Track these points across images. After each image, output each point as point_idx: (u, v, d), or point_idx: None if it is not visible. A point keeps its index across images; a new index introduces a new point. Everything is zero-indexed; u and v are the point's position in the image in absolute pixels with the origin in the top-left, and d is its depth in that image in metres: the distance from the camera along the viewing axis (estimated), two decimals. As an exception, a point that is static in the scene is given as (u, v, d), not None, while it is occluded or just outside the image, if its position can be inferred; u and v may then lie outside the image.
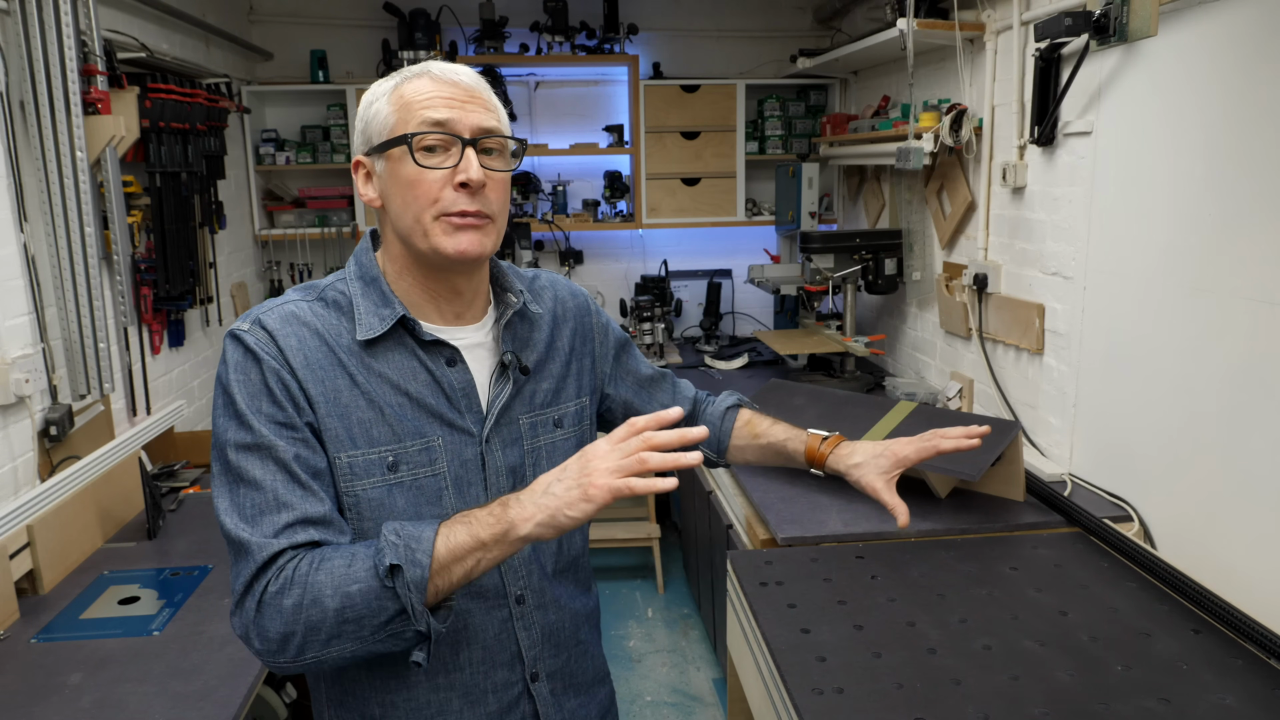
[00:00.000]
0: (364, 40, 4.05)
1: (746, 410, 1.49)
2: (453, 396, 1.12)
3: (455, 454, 1.12)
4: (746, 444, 1.45)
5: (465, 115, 1.07)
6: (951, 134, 2.70)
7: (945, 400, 2.92)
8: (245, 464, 1.01)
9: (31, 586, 1.97)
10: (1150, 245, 1.97)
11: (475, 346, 1.16)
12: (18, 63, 2.15)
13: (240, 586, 0.98)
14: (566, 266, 4.29)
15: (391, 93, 1.09)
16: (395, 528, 0.99)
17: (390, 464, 1.08)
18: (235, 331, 1.06)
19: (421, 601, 0.96)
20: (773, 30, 4.25)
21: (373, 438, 1.07)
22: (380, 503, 1.07)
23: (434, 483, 1.10)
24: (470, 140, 1.06)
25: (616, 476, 0.97)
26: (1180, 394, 1.89)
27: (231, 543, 1.00)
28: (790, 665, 1.49)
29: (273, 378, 1.03)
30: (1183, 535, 1.91)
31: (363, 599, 0.95)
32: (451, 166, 1.06)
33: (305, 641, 0.96)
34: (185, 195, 2.95)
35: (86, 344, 2.33)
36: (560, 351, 1.26)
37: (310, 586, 0.96)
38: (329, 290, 1.13)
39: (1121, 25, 1.89)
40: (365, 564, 0.97)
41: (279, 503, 1.00)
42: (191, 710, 1.53)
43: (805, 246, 3.30)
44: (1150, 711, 1.35)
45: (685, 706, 2.98)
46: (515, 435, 1.17)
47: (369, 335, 1.08)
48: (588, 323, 1.32)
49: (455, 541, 0.98)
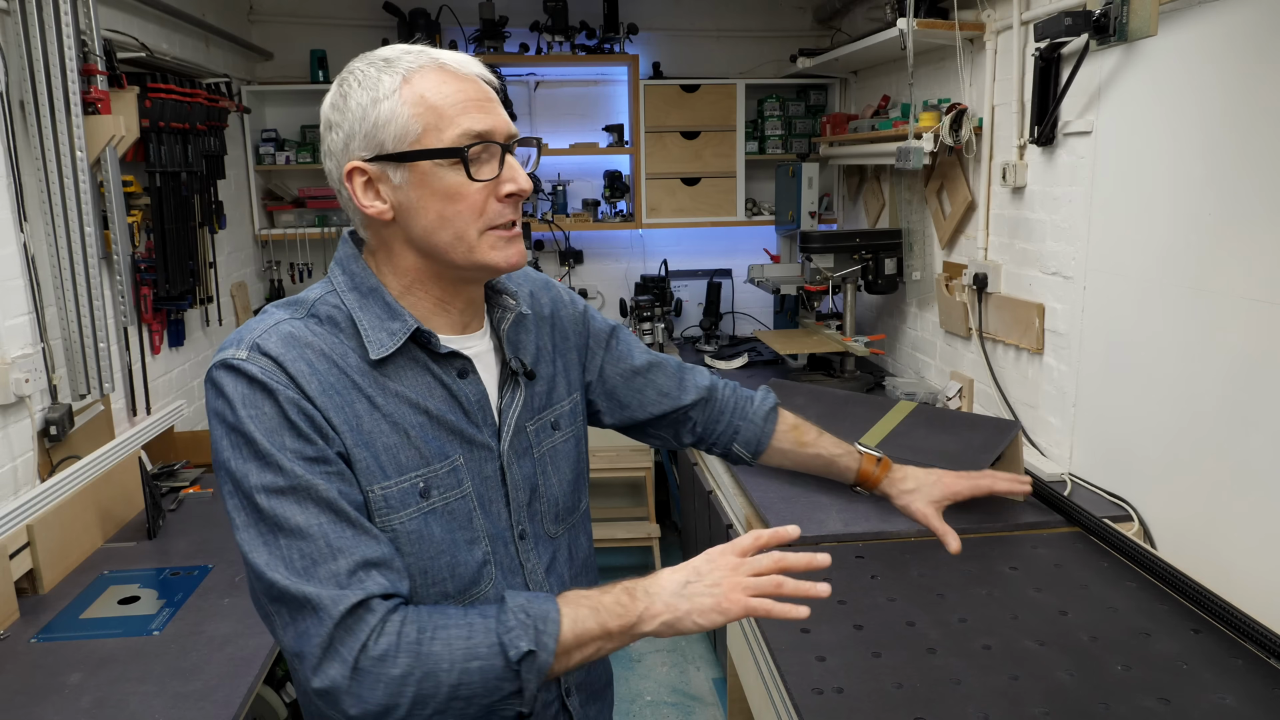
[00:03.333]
0: (364, 40, 4.04)
1: (791, 415, 1.46)
2: (470, 411, 1.05)
3: (477, 471, 1.05)
4: (791, 449, 1.43)
5: (499, 119, 0.99)
6: (951, 134, 2.70)
7: (945, 400, 2.92)
8: (282, 510, 0.90)
9: (31, 586, 1.96)
10: (1150, 245, 1.97)
11: (482, 354, 1.10)
12: (18, 63, 2.15)
13: (317, 649, 0.88)
14: (566, 266, 4.29)
15: (402, 90, 0.96)
16: (522, 604, 0.94)
17: (422, 490, 1.00)
18: (232, 362, 0.93)
19: (540, 687, 0.92)
20: (773, 30, 4.25)
21: (401, 464, 0.98)
22: (419, 535, 0.99)
23: (463, 505, 1.03)
24: (507, 146, 0.99)
25: (752, 594, 0.94)
26: (1180, 394, 1.89)
27: (287, 600, 0.89)
28: (790, 665, 1.49)
29: (292, 409, 0.92)
30: (1183, 535, 1.91)
31: (481, 678, 0.90)
32: (493, 177, 0.98)
33: (410, 714, 0.89)
34: (185, 195, 2.95)
35: (86, 344, 2.33)
36: (545, 350, 1.19)
37: (424, 657, 0.89)
38: (320, 306, 1.01)
39: (1121, 25, 1.89)
40: (488, 639, 0.91)
41: (332, 549, 0.90)
42: (191, 710, 1.53)
43: (805, 246, 3.30)
44: (1150, 711, 1.35)
45: (685, 706, 2.98)
46: (526, 445, 1.12)
47: (382, 353, 0.98)
48: (564, 314, 1.25)
49: (583, 628, 0.94)
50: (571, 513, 1.20)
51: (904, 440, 2.15)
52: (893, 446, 2.14)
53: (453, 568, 1.02)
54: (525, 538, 1.11)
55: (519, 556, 1.10)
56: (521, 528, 1.10)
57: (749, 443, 1.42)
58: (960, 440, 2.09)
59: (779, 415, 1.44)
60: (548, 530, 1.15)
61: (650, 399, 1.35)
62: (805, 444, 1.43)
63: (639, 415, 1.35)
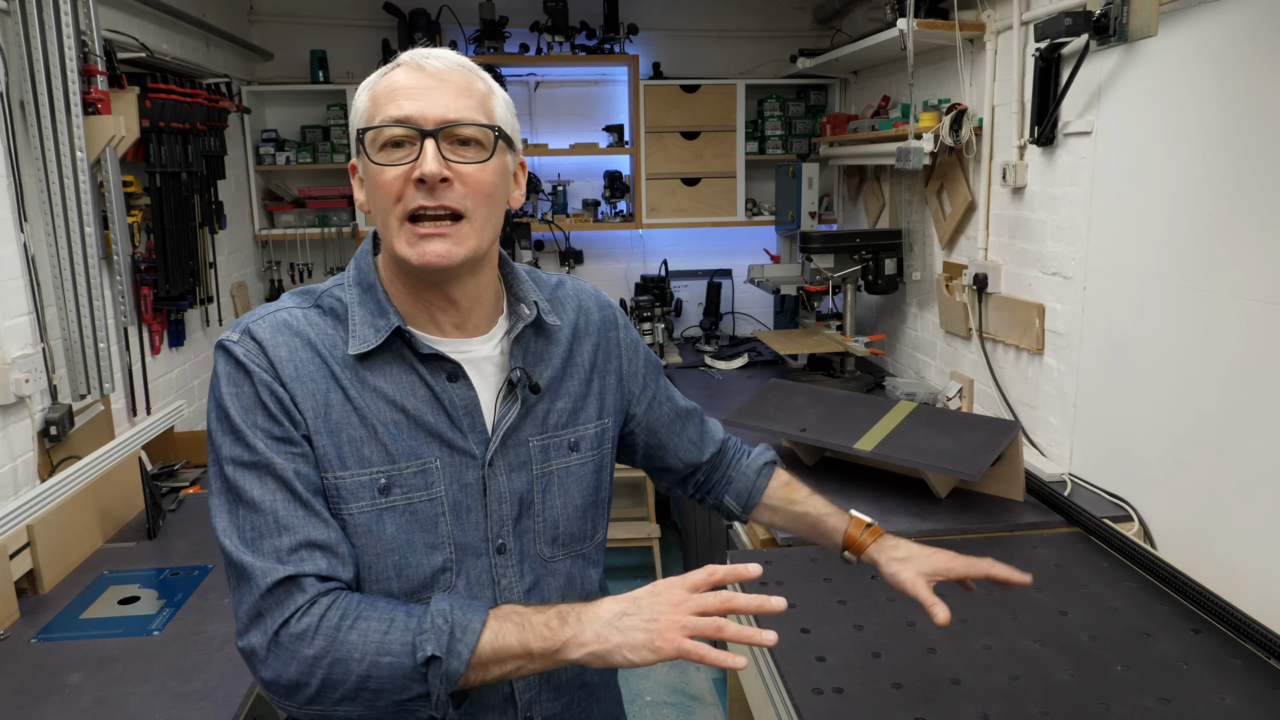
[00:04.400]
0: (364, 40, 4.05)
1: (784, 472, 1.38)
2: (454, 414, 1.04)
3: (455, 477, 1.04)
4: (780, 507, 1.35)
5: (429, 105, 0.97)
6: (951, 134, 2.70)
7: (945, 400, 2.92)
8: (243, 482, 0.96)
9: (31, 586, 1.96)
10: (1150, 245, 1.97)
11: (481, 360, 1.07)
12: (18, 63, 2.15)
13: (245, 615, 0.93)
14: (566, 266, 4.29)
15: (370, 88, 1.01)
16: (446, 609, 0.93)
17: (382, 487, 1.00)
18: (224, 342, 1.00)
19: (448, 693, 0.91)
20: (773, 30, 4.25)
21: (364, 458, 1.00)
22: (368, 529, 1.00)
23: (430, 508, 1.02)
24: (431, 131, 0.96)
25: (688, 635, 0.90)
26: (1180, 394, 1.89)
27: (231, 566, 0.95)
28: (790, 665, 1.49)
29: (265, 391, 0.97)
30: (1183, 535, 1.91)
31: (390, 674, 0.91)
32: (411, 162, 0.97)
33: (318, 695, 0.91)
34: (185, 195, 2.95)
35: (86, 344, 2.33)
36: (579, 368, 1.15)
37: (338, 644, 0.91)
38: (326, 296, 1.06)
39: (1121, 25, 1.89)
40: (403, 638, 0.91)
41: (279, 525, 0.95)
42: (191, 710, 1.53)
43: (805, 246, 3.31)
44: (1150, 711, 1.35)
45: (685, 706, 2.98)
46: (524, 458, 1.08)
47: (362, 349, 1.01)
48: (613, 337, 1.20)
49: (502, 643, 0.92)
50: (579, 540, 1.14)
51: (904, 440, 2.15)
52: (893, 446, 2.14)
53: (400, 568, 1.01)
54: (505, 553, 1.07)
55: (493, 571, 1.06)
56: (501, 541, 1.06)
57: (740, 495, 1.36)
58: (960, 440, 2.09)
59: (773, 472, 1.37)
60: (540, 551, 1.10)
61: (683, 446, 1.32)
62: (794, 502, 1.34)
63: (670, 460, 1.32)
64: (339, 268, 4.14)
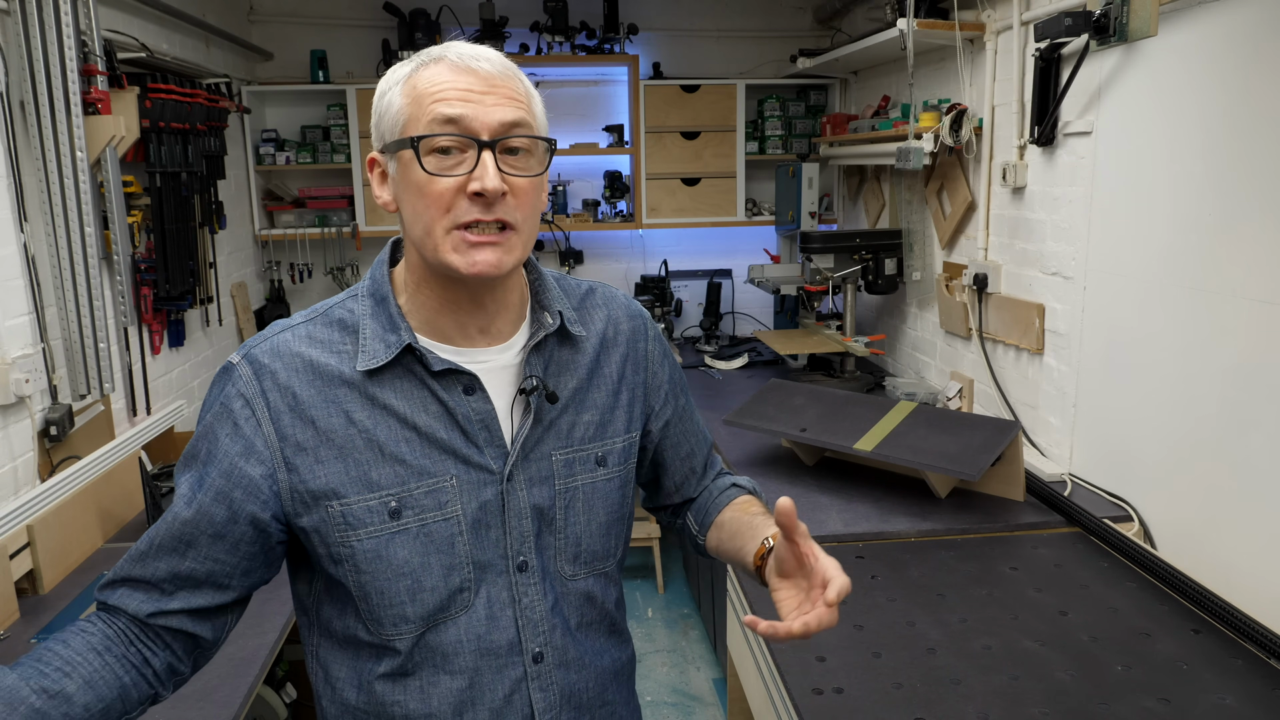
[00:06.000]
0: (364, 40, 4.05)
1: (756, 501, 1.22)
2: (469, 429, 0.99)
3: (473, 494, 1.00)
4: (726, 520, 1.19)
5: (483, 110, 0.92)
6: (951, 134, 2.70)
7: (945, 400, 2.92)
8: (178, 490, 0.99)
9: (31, 586, 1.96)
10: (1150, 245, 1.97)
11: (501, 370, 1.03)
12: (18, 63, 2.15)
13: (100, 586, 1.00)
14: (566, 266, 4.29)
15: (405, 81, 0.95)
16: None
17: (393, 510, 0.97)
18: (227, 363, 1.00)
19: None
20: (773, 30, 4.25)
21: (371, 481, 0.97)
22: (377, 555, 0.97)
23: (445, 528, 0.99)
24: (488, 142, 0.92)
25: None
26: (1180, 394, 1.89)
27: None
28: (790, 665, 1.49)
29: (244, 414, 0.97)
30: (1183, 535, 1.91)
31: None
32: (466, 173, 0.92)
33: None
34: (185, 195, 2.95)
35: (86, 344, 2.33)
36: (607, 379, 1.10)
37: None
38: (337, 308, 1.02)
39: (1121, 25, 1.89)
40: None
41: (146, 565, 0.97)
42: (191, 710, 1.53)
43: (805, 246, 3.31)
44: (1150, 711, 1.35)
45: (685, 706, 2.99)
46: (545, 473, 1.04)
47: (371, 364, 0.97)
48: (641, 348, 1.15)
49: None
50: (601, 559, 1.10)
51: (904, 440, 2.15)
52: (893, 446, 2.14)
53: (414, 592, 0.99)
54: (527, 570, 1.03)
55: (514, 589, 1.03)
56: (522, 559, 1.03)
57: (698, 511, 1.24)
58: (960, 440, 2.09)
59: (741, 495, 1.23)
60: (561, 569, 1.07)
61: (680, 472, 1.23)
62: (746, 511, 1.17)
63: (664, 481, 1.24)
64: (339, 268, 4.15)
